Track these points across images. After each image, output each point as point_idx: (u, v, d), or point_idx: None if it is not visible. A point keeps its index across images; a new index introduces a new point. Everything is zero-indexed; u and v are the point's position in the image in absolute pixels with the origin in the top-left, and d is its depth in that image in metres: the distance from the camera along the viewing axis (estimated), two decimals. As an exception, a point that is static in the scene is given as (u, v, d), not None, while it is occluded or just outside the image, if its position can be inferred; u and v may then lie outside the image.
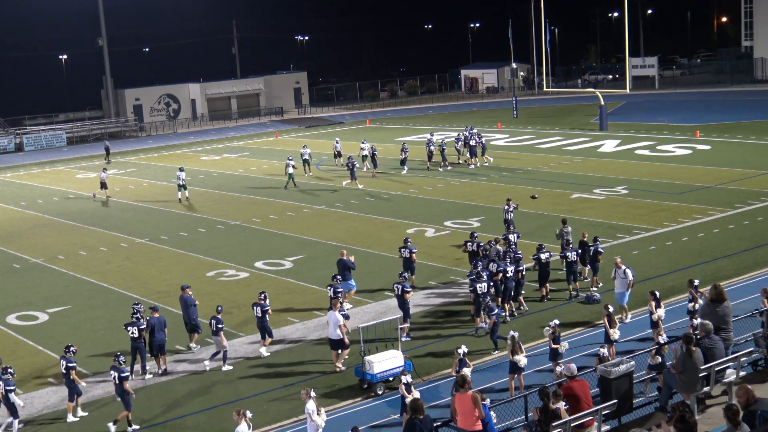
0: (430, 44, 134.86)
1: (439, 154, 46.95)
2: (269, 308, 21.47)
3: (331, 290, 22.24)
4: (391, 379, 18.76)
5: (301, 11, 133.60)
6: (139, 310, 21.00)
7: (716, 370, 15.04)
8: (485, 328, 21.45)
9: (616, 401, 14.38)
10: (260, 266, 29.51)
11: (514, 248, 25.16)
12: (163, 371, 20.83)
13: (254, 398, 19.02)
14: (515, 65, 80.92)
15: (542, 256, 23.93)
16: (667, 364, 15.73)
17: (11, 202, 45.97)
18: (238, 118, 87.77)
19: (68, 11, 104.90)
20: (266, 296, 21.52)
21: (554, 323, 18.53)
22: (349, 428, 14.56)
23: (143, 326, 20.56)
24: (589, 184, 39.64)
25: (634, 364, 15.25)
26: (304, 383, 19.07)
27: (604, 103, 57.91)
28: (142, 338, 20.58)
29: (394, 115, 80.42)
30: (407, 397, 16.39)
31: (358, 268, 25.06)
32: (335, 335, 20.06)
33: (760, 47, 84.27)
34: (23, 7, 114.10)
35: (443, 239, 31.45)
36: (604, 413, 14.21)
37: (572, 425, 13.53)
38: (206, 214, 39.11)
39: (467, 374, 15.22)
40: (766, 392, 14.69)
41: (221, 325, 20.75)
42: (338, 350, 20.24)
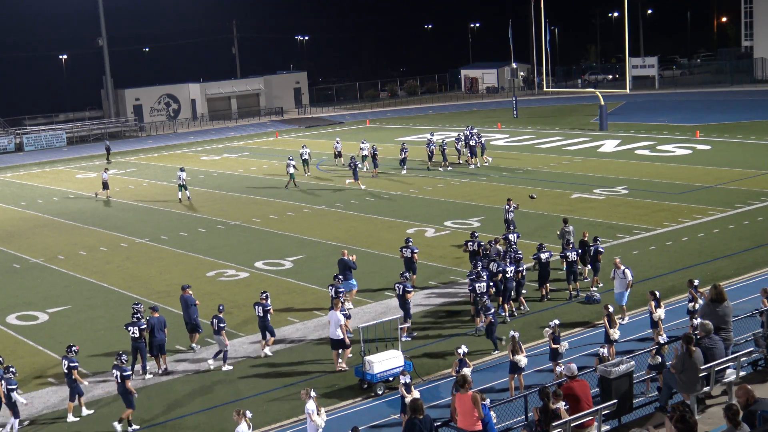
0: (430, 44, 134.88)
1: (439, 153, 46.95)
2: (271, 308, 21.46)
3: (332, 290, 22.23)
4: (391, 379, 18.76)
5: (301, 11, 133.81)
6: (139, 310, 21.00)
7: (716, 370, 15.05)
8: (484, 328, 21.46)
9: (616, 401, 14.39)
10: (260, 266, 29.52)
11: (514, 248, 25.16)
12: (163, 371, 20.84)
13: (254, 398, 19.02)
14: (515, 65, 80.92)
15: (542, 255, 23.94)
16: (667, 364, 15.74)
17: (11, 202, 45.98)
18: (238, 118, 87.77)
19: (68, 11, 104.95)
20: (268, 296, 21.52)
21: (554, 323, 18.54)
22: (349, 428, 14.57)
23: (144, 326, 20.56)
24: (589, 184, 39.64)
25: (634, 364, 15.26)
26: (304, 383, 19.07)
27: (604, 103, 57.92)
28: (142, 338, 20.59)
29: (394, 115, 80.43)
30: (406, 397, 16.39)
31: (358, 268, 25.06)
32: (336, 335, 20.07)
33: (760, 47, 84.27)
34: (23, 7, 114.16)
35: (443, 239, 31.46)
36: (604, 413, 14.21)
37: (572, 425, 13.53)
38: (206, 214, 39.12)
39: (468, 374, 15.21)
40: (766, 392, 14.69)
41: (223, 324, 20.75)
42: (339, 350, 20.25)
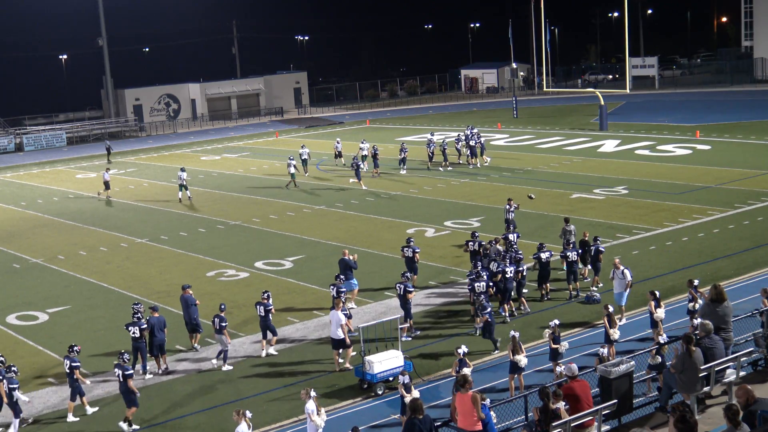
0: (430, 44, 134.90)
1: (440, 153, 46.93)
2: (272, 307, 21.49)
3: (334, 290, 22.25)
4: (391, 379, 18.76)
5: (301, 11, 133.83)
6: (139, 310, 20.99)
7: (716, 370, 15.05)
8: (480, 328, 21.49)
9: (616, 401, 14.39)
10: (260, 266, 29.52)
11: (515, 248, 25.16)
12: (164, 371, 20.85)
13: (254, 398, 19.02)
14: (515, 65, 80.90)
15: (542, 255, 23.94)
16: (667, 364, 15.74)
17: (11, 202, 45.98)
18: (238, 118, 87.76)
19: (68, 11, 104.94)
20: (269, 295, 21.54)
21: (554, 323, 18.54)
22: (349, 428, 14.57)
23: (144, 326, 20.56)
24: (589, 184, 39.64)
25: (634, 364, 15.26)
26: (304, 383, 19.07)
27: (604, 103, 57.92)
28: (143, 338, 20.58)
29: (394, 115, 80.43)
30: (406, 396, 16.40)
31: (358, 268, 25.05)
32: (337, 335, 20.07)
33: (760, 47, 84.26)
34: (23, 7, 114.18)
35: (443, 239, 31.46)
36: (604, 413, 14.22)
37: (572, 425, 13.54)
38: (206, 214, 39.12)
39: (468, 374, 15.21)
40: (766, 392, 14.70)
41: (225, 323, 20.76)
42: (339, 350, 20.25)
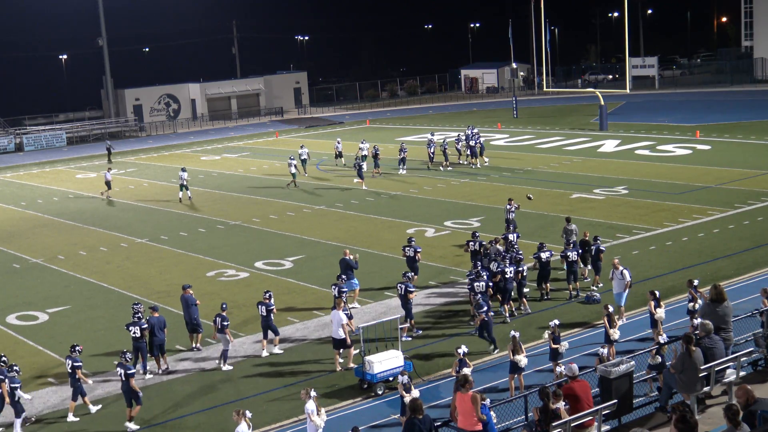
0: (430, 44, 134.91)
1: (441, 153, 46.91)
2: (274, 307, 21.52)
3: (335, 289, 22.27)
4: (391, 379, 18.76)
5: (301, 11, 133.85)
6: (139, 310, 20.99)
7: (716, 370, 15.06)
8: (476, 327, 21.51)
9: (616, 401, 14.39)
10: (260, 266, 29.52)
11: (516, 248, 25.18)
12: (164, 370, 20.86)
13: (254, 398, 19.02)
14: (515, 65, 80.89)
15: (543, 255, 23.94)
16: (667, 364, 15.75)
17: (11, 202, 45.98)
18: (238, 118, 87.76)
19: (68, 11, 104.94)
20: (271, 295, 21.57)
21: (554, 323, 18.55)
22: (349, 428, 14.57)
23: (145, 326, 20.55)
24: (589, 184, 39.64)
25: (634, 364, 15.26)
26: (304, 383, 19.07)
27: (604, 103, 57.91)
28: (143, 338, 20.58)
29: (394, 115, 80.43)
30: (405, 396, 16.41)
31: (359, 268, 25.05)
32: (338, 335, 20.08)
33: (760, 47, 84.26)
34: (23, 7, 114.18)
35: (443, 239, 31.46)
36: (604, 413, 14.22)
37: (572, 425, 13.54)
38: (206, 214, 39.12)
39: (469, 374, 15.20)
40: (766, 392, 14.71)
41: (227, 322, 20.78)
42: (340, 350, 20.25)
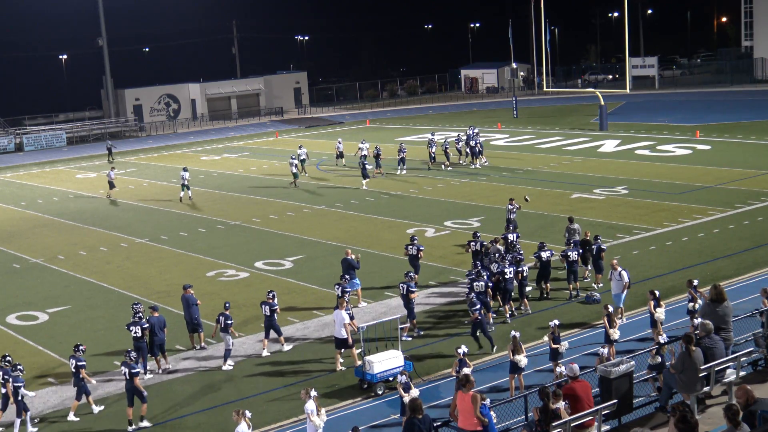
0: (430, 44, 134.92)
1: (442, 153, 46.89)
2: (277, 307, 21.55)
3: (339, 289, 22.27)
4: (391, 379, 18.76)
5: (301, 11, 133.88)
6: (139, 310, 20.99)
7: (716, 370, 15.06)
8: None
9: (616, 401, 14.39)
10: (260, 266, 29.52)
11: (517, 249, 25.19)
12: (164, 370, 20.86)
13: (254, 398, 19.02)
14: (515, 65, 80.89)
15: (543, 254, 23.96)
16: (666, 364, 15.75)
17: (11, 202, 45.97)
18: (238, 118, 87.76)
19: (68, 11, 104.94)
20: (275, 295, 21.60)
21: (554, 323, 18.55)
22: (349, 428, 14.57)
23: (146, 326, 20.55)
24: (589, 184, 39.64)
25: (634, 364, 15.26)
26: (304, 383, 19.07)
27: (604, 103, 57.91)
28: (144, 338, 20.57)
29: (394, 115, 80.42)
30: (404, 396, 16.43)
31: (360, 267, 25.05)
32: (341, 334, 20.09)
33: (760, 47, 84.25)
34: (23, 7, 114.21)
35: (443, 239, 31.46)
36: (604, 413, 14.22)
37: (572, 425, 13.54)
38: (206, 214, 39.11)
39: (470, 374, 15.17)
40: (766, 392, 14.71)
41: (230, 321, 20.80)
42: (342, 350, 20.25)
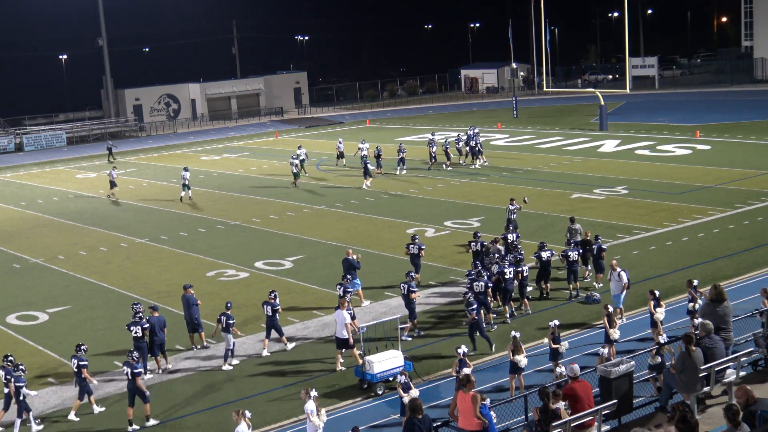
0: (430, 44, 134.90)
1: (442, 153, 46.89)
2: (279, 307, 21.58)
3: (341, 289, 22.29)
4: (391, 379, 18.76)
5: (301, 11, 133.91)
6: (139, 310, 20.99)
7: (716, 370, 15.05)
8: (485, 327, 21.52)
9: (616, 401, 14.39)
10: (260, 266, 29.52)
11: (518, 249, 25.21)
12: (164, 370, 20.86)
13: (254, 398, 19.02)
14: (515, 65, 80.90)
15: (543, 254, 23.96)
16: (666, 364, 15.74)
17: (11, 202, 45.97)
18: (238, 118, 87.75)
19: (68, 11, 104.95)
20: (276, 295, 21.62)
21: (554, 323, 18.55)
22: (349, 428, 14.57)
23: (146, 326, 20.55)
24: (589, 184, 39.64)
25: (634, 364, 15.26)
26: (304, 383, 19.07)
27: (604, 103, 57.90)
28: (144, 338, 20.56)
29: (394, 115, 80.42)
30: (403, 396, 16.43)
31: (361, 267, 25.05)
32: (342, 334, 20.09)
33: (760, 47, 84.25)
34: (23, 7, 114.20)
35: (443, 239, 31.45)
36: (604, 413, 14.22)
37: (572, 425, 13.54)
38: (206, 214, 39.11)
39: (471, 374, 15.16)
40: (766, 392, 14.71)
41: (232, 320, 20.83)
42: (343, 350, 20.25)
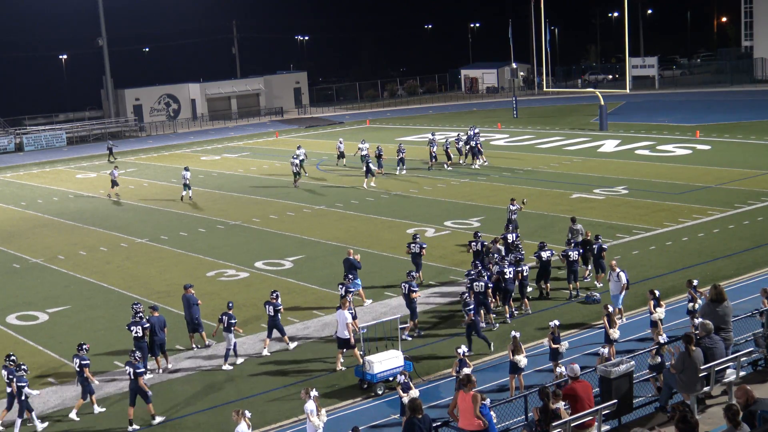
0: (430, 44, 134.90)
1: (443, 153, 46.89)
2: (281, 307, 21.61)
3: (343, 289, 22.30)
4: (391, 379, 18.76)
5: (301, 11, 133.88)
6: (139, 310, 21.00)
7: (716, 370, 15.05)
8: (484, 327, 21.51)
9: (616, 401, 14.39)
10: (260, 266, 29.52)
11: (519, 248, 25.18)
12: (164, 369, 20.87)
13: (254, 398, 19.03)
14: (515, 65, 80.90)
15: (543, 254, 23.97)
16: (666, 364, 15.74)
17: (11, 202, 45.97)
18: (238, 118, 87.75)
19: (68, 11, 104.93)
20: (278, 295, 21.64)
21: (554, 323, 18.55)
22: (349, 428, 14.57)
23: (147, 326, 20.55)
24: (589, 184, 39.64)
25: (634, 364, 15.26)
26: (304, 383, 19.07)
27: (604, 103, 57.90)
28: (145, 338, 20.56)
29: (394, 115, 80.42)
30: (403, 396, 16.43)
31: (362, 267, 25.05)
32: (344, 334, 20.09)
33: (760, 47, 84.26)
34: (23, 7, 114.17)
35: (443, 239, 31.45)
36: (604, 413, 14.21)
37: (572, 425, 13.54)
38: (206, 214, 39.11)
39: (472, 374, 15.16)
40: (766, 392, 14.71)
41: (234, 320, 20.84)
42: (344, 350, 20.25)
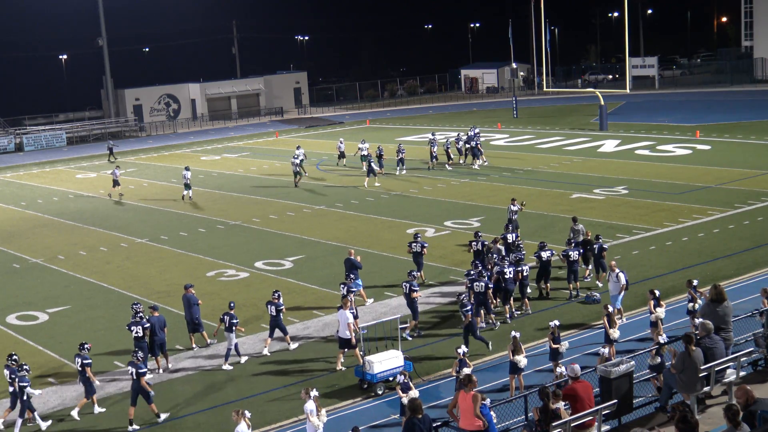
0: (430, 44, 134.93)
1: (443, 153, 46.88)
2: (283, 307, 21.62)
3: (344, 289, 22.31)
4: (391, 379, 18.76)
5: (301, 11, 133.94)
6: (139, 310, 21.00)
7: (716, 370, 15.05)
8: (485, 327, 21.51)
9: (616, 401, 14.39)
10: (260, 266, 29.52)
11: (520, 248, 25.17)
12: (164, 369, 20.86)
13: (254, 398, 19.03)
14: (515, 65, 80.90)
15: (543, 254, 23.97)
16: (666, 364, 15.74)
17: (11, 202, 45.97)
18: (238, 118, 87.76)
19: (68, 11, 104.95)
20: (280, 295, 21.65)
21: (554, 323, 18.55)
22: (349, 428, 14.57)
23: (147, 325, 20.55)
24: (589, 184, 39.64)
25: (634, 364, 15.26)
26: (304, 383, 19.06)
27: (604, 103, 57.90)
28: (145, 338, 20.55)
29: (394, 115, 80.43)
30: (402, 396, 16.43)
31: (362, 267, 25.05)
32: (345, 334, 20.09)
33: (760, 47, 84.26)
34: (23, 7, 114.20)
35: (443, 239, 31.45)
36: (604, 413, 14.22)
37: (572, 425, 13.54)
38: (206, 214, 39.11)
39: (472, 374, 15.15)
40: (766, 392, 14.72)
41: (236, 320, 20.85)
42: (345, 350, 20.25)
